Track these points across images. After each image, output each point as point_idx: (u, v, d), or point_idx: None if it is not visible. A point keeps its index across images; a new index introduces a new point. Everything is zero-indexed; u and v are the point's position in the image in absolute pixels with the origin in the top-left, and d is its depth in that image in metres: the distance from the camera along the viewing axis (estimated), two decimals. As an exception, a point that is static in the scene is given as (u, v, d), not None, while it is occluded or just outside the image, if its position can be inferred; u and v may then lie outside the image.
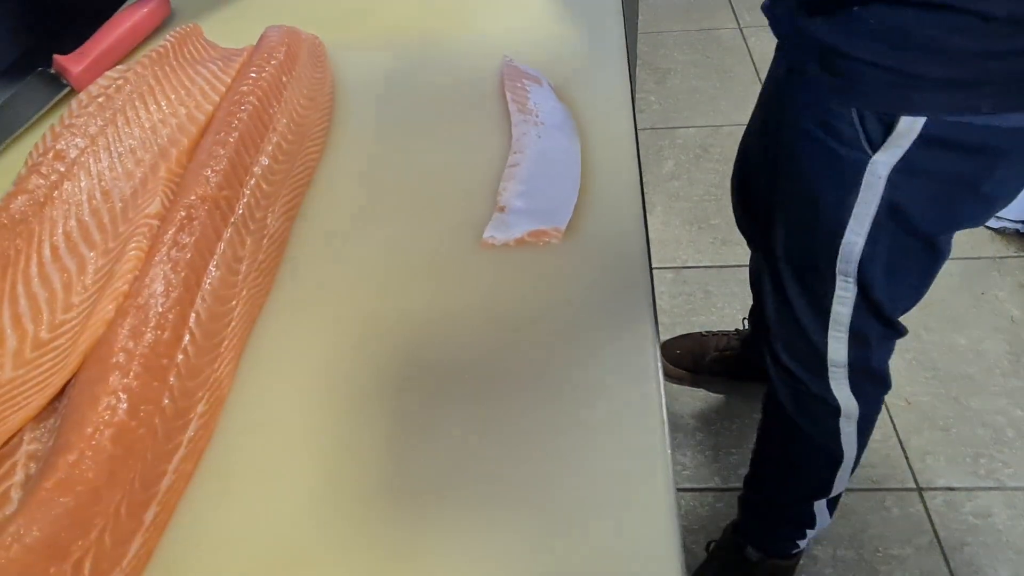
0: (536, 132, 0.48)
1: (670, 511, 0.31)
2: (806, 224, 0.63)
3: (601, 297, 0.40)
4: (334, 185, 0.50)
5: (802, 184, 0.61)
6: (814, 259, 0.63)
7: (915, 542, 1.08)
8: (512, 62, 0.56)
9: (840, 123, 0.55)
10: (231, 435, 0.36)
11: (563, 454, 0.34)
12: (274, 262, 0.43)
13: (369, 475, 0.34)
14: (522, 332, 0.39)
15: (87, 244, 0.39)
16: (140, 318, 0.36)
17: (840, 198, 0.58)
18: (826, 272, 0.63)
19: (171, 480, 0.33)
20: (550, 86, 0.54)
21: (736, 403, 1.27)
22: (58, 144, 0.43)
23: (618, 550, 0.30)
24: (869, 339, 0.68)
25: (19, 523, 0.28)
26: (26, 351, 0.35)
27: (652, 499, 0.32)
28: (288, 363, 0.39)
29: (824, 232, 0.61)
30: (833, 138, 0.56)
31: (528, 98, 0.51)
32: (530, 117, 0.50)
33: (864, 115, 0.53)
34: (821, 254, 0.62)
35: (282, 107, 0.50)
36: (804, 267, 0.66)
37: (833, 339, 0.68)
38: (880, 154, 0.54)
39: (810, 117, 0.57)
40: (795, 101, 0.59)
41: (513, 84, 0.53)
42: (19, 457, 0.32)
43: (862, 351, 0.69)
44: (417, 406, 0.36)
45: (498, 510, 0.32)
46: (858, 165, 0.55)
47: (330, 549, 0.32)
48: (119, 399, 0.33)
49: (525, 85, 0.53)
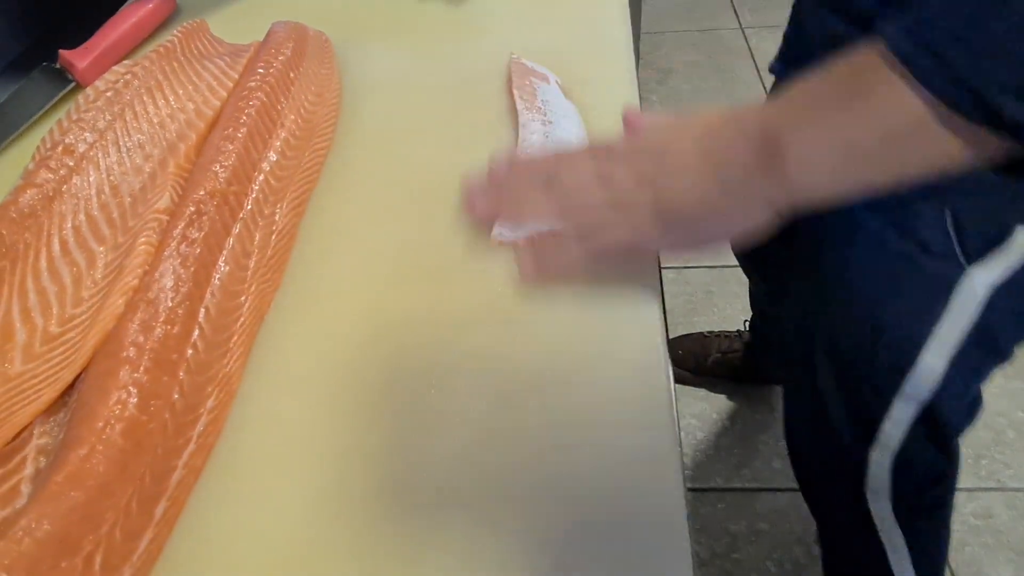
0: (544, 130, 0.48)
1: (679, 511, 0.31)
2: (861, 334, 0.52)
3: (610, 292, 0.40)
4: (341, 181, 0.50)
5: (858, 291, 0.51)
6: (869, 373, 0.53)
7: (916, 542, 1.08)
8: (520, 59, 0.56)
9: (925, 227, 0.45)
10: (241, 430, 0.36)
11: (572, 454, 0.34)
12: (283, 258, 0.43)
13: (376, 472, 0.34)
14: (530, 328, 0.39)
15: (96, 239, 0.39)
16: (150, 313, 0.35)
17: (916, 315, 0.48)
18: (884, 389, 0.52)
19: (181, 475, 0.33)
20: (557, 84, 0.53)
21: (738, 403, 1.27)
22: (67, 138, 0.43)
23: (628, 553, 0.30)
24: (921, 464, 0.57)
25: (30, 517, 0.28)
26: (36, 345, 0.35)
27: (662, 498, 0.32)
28: (297, 359, 0.39)
29: (888, 349, 0.50)
30: (912, 243, 0.46)
31: (536, 95, 0.51)
32: (537, 115, 0.50)
33: (961, 220, 0.44)
34: (880, 373, 0.52)
35: (290, 103, 0.50)
36: (851, 375, 0.55)
37: (876, 463, 0.56)
38: (979, 268, 0.44)
39: (876, 214, 0.47)
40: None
41: (521, 82, 0.53)
42: (29, 451, 0.32)
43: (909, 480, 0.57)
44: (425, 403, 0.36)
45: (504, 510, 0.32)
46: (947, 280, 0.45)
47: (337, 545, 0.32)
48: (129, 393, 0.32)
49: (533, 83, 0.52)
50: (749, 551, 1.11)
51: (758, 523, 1.14)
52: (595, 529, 0.31)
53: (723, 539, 1.13)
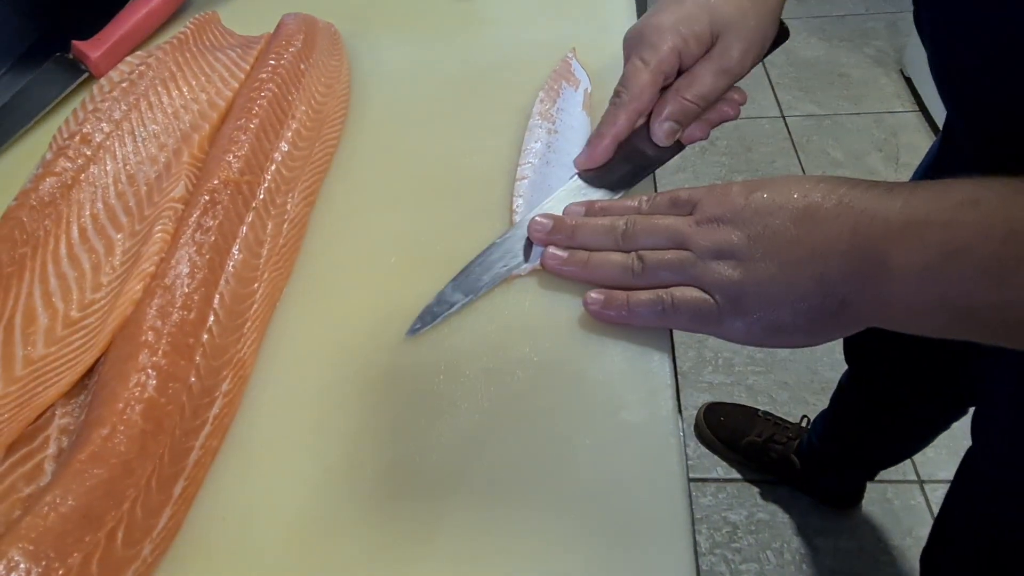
0: (548, 139, 0.47)
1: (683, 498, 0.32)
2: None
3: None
4: (351, 171, 0.50)
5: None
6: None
7: (915, 533, 1.10)
8: (572, 58, 0.55)
9: None
10: (255, 412, 0.37)
11: (575, 443, 0.35)
12: (294, 246, 0.44)
13: (386, 453, 0.35)
14: (538, 315, 0.39)
15: (114, 226, 0.40)
16: (167, 298, 0.36)
17: None
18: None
19: (198, 455, 0.34)
20: (586, 92, 0.52)
21: (738, 393, 1.28)
22: (84, 128, 0.44)
23: (631, 533, 0.31)
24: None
25: (55, 493, 0.29)
26: (58, 329, 0.36)
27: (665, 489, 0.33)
28: (308, 344, 0.40)
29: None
30: None
31: (556, 101, 0.51)
32: (546, 122, 0.49)
33: None
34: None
35: (301, 94, 0.51)
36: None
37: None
38: None
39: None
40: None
41: (552, 83, 0.52)
42: (51, 431, 0.33)
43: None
44: (435, 387, 0.37)
45: (508, 496, 0.33)
46: None
47: (348, 522, 0.33)
48: (148, 376, 0.34)
49: (562, 87, 0.52)
50: (749, 540, 1.12)
51: (758, 513, 1.15)
52: (597, 517, 0.32)
53: (723, 529, 1.14)
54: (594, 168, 0.44)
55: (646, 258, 0.36)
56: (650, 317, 0.35)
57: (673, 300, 0.34)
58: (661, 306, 0.34)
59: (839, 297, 0.30)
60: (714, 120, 0.45)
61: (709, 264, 0.33)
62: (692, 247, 0.34)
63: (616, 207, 0.40)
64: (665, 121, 0.43)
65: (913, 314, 0.28)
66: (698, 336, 1.36)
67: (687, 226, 0.35)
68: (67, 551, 0.29)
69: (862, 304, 0.29)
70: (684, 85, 0.43)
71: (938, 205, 0.27)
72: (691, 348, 1.36)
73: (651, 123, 0.43)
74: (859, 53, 1.94)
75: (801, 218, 0.31)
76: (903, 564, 1.08)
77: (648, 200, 0.39)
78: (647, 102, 0.43)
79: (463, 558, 0.31)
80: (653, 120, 0.43)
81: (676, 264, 0.34)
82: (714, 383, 1.31)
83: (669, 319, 0.35)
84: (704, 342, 1.36)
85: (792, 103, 1.83)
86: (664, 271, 0.35)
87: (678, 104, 0.42)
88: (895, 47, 1.93)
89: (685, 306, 0.34)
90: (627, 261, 0.36)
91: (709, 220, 0.34)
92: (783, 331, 0.32)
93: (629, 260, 0.36)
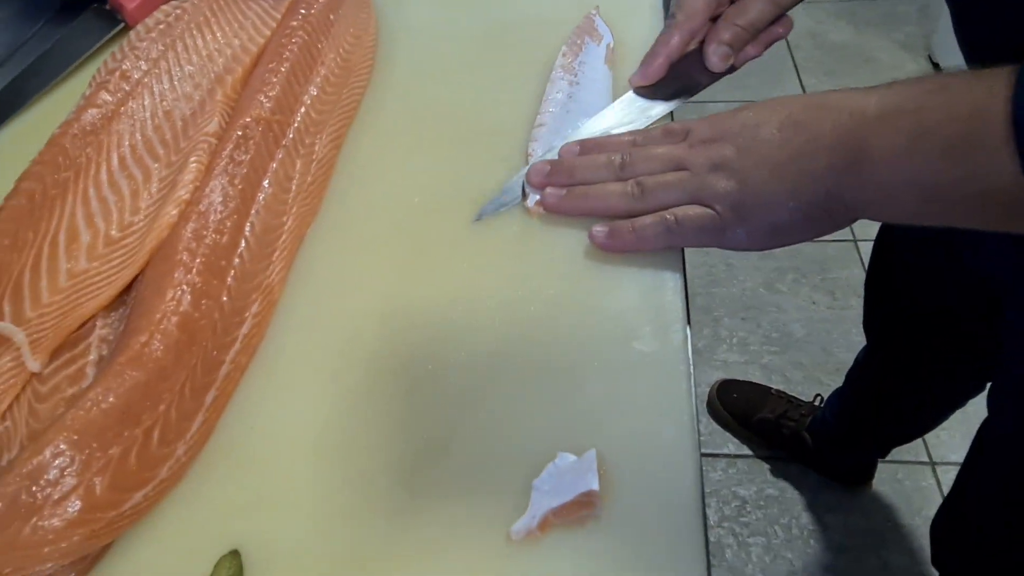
0: (569, 91, 0.49)
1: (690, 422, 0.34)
2: None
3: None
4: (376, 119, 0.52)
5: None
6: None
7: (925, 514, 1.10)
8: (595, 15, 0.56)
9: None
10: (281, 335, 0.39)
11: (590, 366, 0.36)
12: (322, 185, 0.46)
13: (405, 376, 0.37)
14: (554, 251, 0.41)
15: (151, 156, 0.42)
16: (201, 223, 0.38)
17: None
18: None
19: (228, 369, 0.36)
20: (608, 47, 0.53)
21: (753, 372, 1.29)
22: (123, 65, 0.46)
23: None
24: None
25: (98, 390, 0.31)
26: (99, 246, 0.38)
27: (674, 412, 0.34)
28: (333, 275, 0.42)
29: None
30: None
31: (578, 55, 0.52)
32: (568, 74, 0.50)
33: None
34: None
35: (329, 43, 0.52)
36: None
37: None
38: None
39: None
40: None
41: (575, 39, 0.53)
42: (92, 340, 0.35)
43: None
44: (450, 318, 0.39)
45: (526, 414, 0.35)
46: None
47: (367, 438, 0.35)
48: (184, 291, 0.35)
49: (585, 42, 0.53)
50: (758, 515, 1.13)
51: (768, 489, 1.16)
52: (606, 437, 0.33)
53: (732, 503, 1.15)
54: (648, 85, 0.46)
55: (644, 182, 0.37)
56: (657, 239, 0.36)
57: (676, 218, 0.36)
58: (665, 225, 0.36)
59: (825, 187, 0.32)
60: (766, 40, 0.48)
61: (707, 178, 0.35)
62: (689, 166, 0.36)
63: (611, 142, 0.41)
64: (720, 46, 0.45)
65: (888, 196, 0.30)
66: (714, 314, 1.37)
67: (682, 150, 0.36)
68: (108, 443, 0.30)
69: (844, 191, 0.32)
70: (735, 12, 0.45)
71: (909, 94, 0.30)
72: (706, 326, 1.36)
73: (705, 48, 0.46)
74: (887, 38, 1.91)
75: (785, 124, 0.33)
76: (912, 543, 1.08)
77: (642, 133, 0.41)
78: (700, 24, 0.45)
79: (476, 466, 0.33)
80: (707, 45, 0.46)
81: (675, 183, 0.36)
82: (728, 361, 1.31)
83: (675, 237, 0.36)
84: (720, 321, 1.36)
85: (816, 87, 1.81)
86: (663, 191, 0.36)
87: (731, 30, 0.45)
88: (924, 32, 1.90)
89: (689, 222, 0.35)
90: (626, 188, 0.37)
91: (702, 141, 0.36)
92: (782, 231, 0.34)
93: (628, 187, 0.37)
